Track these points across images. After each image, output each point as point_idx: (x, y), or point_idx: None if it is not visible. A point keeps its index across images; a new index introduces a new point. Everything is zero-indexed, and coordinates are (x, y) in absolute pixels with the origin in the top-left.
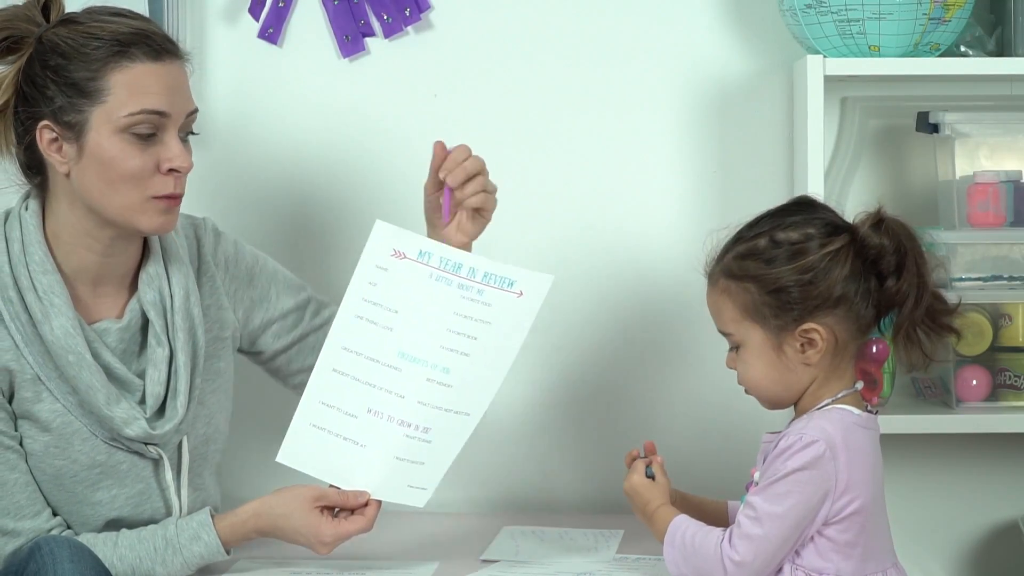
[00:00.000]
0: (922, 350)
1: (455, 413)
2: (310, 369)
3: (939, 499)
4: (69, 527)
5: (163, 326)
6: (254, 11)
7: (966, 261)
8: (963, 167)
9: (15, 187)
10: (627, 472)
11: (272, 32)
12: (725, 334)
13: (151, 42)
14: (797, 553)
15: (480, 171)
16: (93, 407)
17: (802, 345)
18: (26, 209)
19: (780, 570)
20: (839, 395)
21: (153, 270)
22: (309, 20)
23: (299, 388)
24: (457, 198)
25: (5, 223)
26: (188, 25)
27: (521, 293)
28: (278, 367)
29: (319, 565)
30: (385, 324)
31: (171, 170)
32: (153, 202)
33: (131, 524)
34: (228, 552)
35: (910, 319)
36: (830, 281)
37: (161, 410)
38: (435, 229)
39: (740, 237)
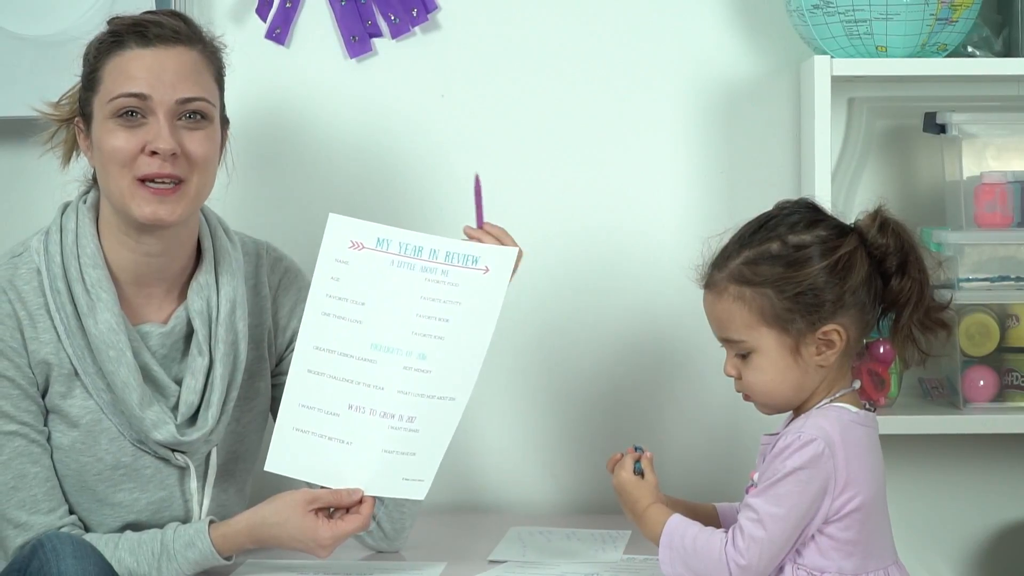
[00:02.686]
0: (918, 347)
1: (438, 399)
2: None
3: (946, 499)
4: (86, 528)
5: (206, 336)
6: (261, 11)
7: (973, 262)
8: (970, 167)
9: (83, 183)
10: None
11: (279, 32)
12: (732, 341)
13: (144, 30)
14: (799, 552)
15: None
16: (125, 406)
17: (819, 347)
18: (84, 203)
19: (782, 570)
20: (837, 394)
21: (204, 279)
22: (316, 21)
23: None
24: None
25: (63, 214)
26: None
27: (487, 269)
28: None
29: (324, 567)
30: (353, 318)
31: (152, 152)
32: (140, 188)
33: (147, 528)
34: (230, 558)
35: (911, 318)
36: (852, 281)
37: (193, 419)
38: None
39: (744, 243)
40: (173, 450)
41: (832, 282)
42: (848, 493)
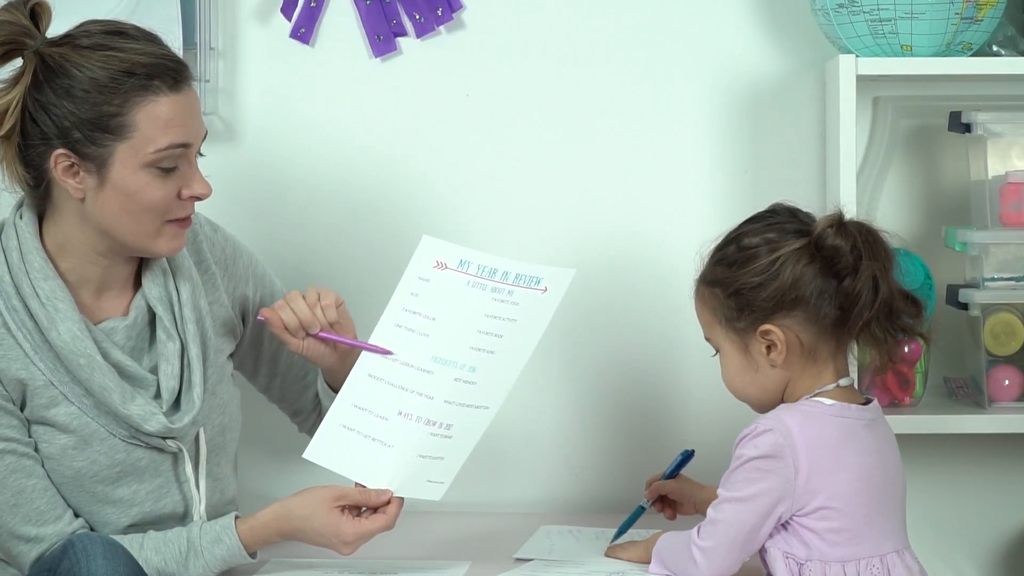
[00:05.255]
0: (886, 352)
1: (475, 408)
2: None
3: (971, 499)
4: (92, 529)
5: (171, 320)
6: (286, 11)
7: (998, 261)
8: (995, 167)
9: (9, 192)
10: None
11: (304, 32)
12: (707, 339)
13: (170, 71)
14: (784, 540)
15: (308, 305)
16: (109, 407)
17: (767, 347)
18: (20, 218)
19: (767, 553)
20: (816, 391)
21: (156, 266)
22: (341, 20)
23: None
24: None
25: (1, 233)
26: (220, 25)
27: (546, 289)
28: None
29: (349, 566)
30: (422, 331)
31: (191, 196)
32: (168, 226)
33: (151, 518)
34: (254, 556)
35: (865, 319)
36: (780, 283)
37: (176, 404)
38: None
39: (718, 245)
40: (164, 438)
41: (762, 283)
42: (814, 483)
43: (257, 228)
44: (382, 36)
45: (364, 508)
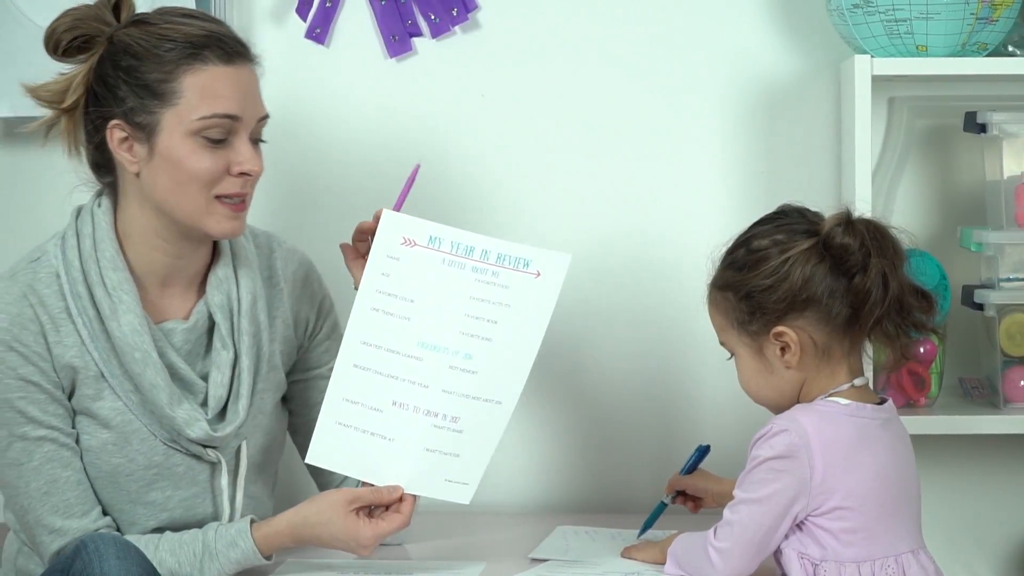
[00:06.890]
0: (899, 348)
1: (484, 401)
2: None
3: (987, 499)
4: (118, 528)
5: (229, 329)
6: (301, 11)
7: (1014, 261)
8: (1011, 167)
9: (87, 186)
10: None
11: (319, 32)
12: (721, 343)
13: (223, 44)
14: (798, 540)
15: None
16: (155, 406)
17: (781, 349)
18: (99, 206)
19: (782, 554)
20: (831, 391)
21: (222, 273)
22: (356, 20)
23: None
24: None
25: (77, 218)
26: (235, 25)
27: (539, 273)
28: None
29: (365, 566)
30: (402, 314)
31: (241, 173)
32: (220, 205)
33: (179, 526)
34: (270, 558)
35: (876, 316)
36: (790, 284)
37: (222, 413)
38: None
39: (728, 249)
40: (205, 446)
41: (773, 285)
42: (827, 484)
43: (271, 227)
44: (397, 36)
45: (377, 508)
